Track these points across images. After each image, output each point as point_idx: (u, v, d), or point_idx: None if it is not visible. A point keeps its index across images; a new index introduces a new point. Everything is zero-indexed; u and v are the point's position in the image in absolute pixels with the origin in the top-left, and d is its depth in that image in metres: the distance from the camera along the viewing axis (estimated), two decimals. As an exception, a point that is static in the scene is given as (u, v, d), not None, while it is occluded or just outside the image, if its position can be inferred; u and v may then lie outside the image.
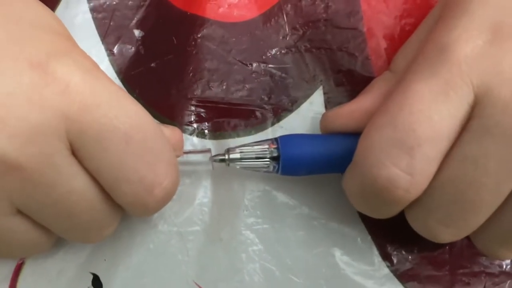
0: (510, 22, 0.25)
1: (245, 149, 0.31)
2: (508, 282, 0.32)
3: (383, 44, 0.34)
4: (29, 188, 0.24)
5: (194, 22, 0.35)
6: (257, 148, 0.31)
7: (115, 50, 0.34)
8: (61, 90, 0.24)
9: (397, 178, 0.25)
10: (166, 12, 0.35)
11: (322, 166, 0.30)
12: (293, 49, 0.34)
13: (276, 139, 0.31)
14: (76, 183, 0.25)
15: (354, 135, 0.29)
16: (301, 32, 0.35)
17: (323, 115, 0.31)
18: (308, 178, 0.33)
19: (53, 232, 0.28)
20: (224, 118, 0.34)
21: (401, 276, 0.32)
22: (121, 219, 0.31)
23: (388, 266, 0.32)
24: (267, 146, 0.30)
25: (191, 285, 0.31)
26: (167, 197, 0.27)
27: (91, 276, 0.31)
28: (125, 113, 0.25)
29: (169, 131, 0.30)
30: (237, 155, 0.31)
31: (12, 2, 0.26)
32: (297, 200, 0.33)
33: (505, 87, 0.24)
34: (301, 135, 0.31)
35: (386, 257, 0.32)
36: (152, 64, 0.34)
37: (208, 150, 0.32)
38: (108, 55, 0.34)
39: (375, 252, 0.32)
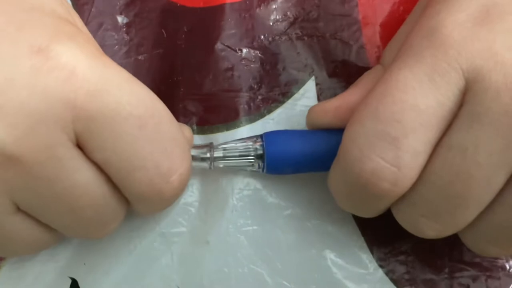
0: (500, 3, 0.24)
1: (228, 146, 0.30)
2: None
3: (379, 32, 0.32)
4: (29, 182, 0.23)
5: (184, 13, 0.33)
6: (241, 145, 0.29)
7: (97, 38, 0.33)
8: (66, 76, 0.22)
9: (383, 171, 0.24)
10: (155, 2, 0.34)
11: (309, 165, 0.29)
12: (283, 37, 0.33)
13: (261, 136, 0.29)
14: (79, 177, 0.24)
15: (342, 132, 0.27)
16: (292, 18, 0.33)
17: (309, 111, 0.30)
18: (299, 177, 0.31)
19: (56, 230, 0.26)
20: (212, 111, 0.32)
21: (396, 280, 0.30)
22: None
23: (383, 270, 0.31)
24: (251, 144, 0.29)
25: (175, 291, 0.30)
26: (183, 185, 0.26)
27: (70, 281, 0.30)
28: (137, 98, 0.24)
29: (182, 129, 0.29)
30: (220, 153, 0.29)
31: None
32: (288, 200, 0.31)
33: (497, 71, 0.23)
34: (287, 132, 0.30)
35: (380, 260, 0.31)
36: (140, 57, 0.33)
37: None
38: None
39: (369, 255, 0.31)
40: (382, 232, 0.31)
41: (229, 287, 0.30)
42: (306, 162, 0.29)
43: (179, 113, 0.32)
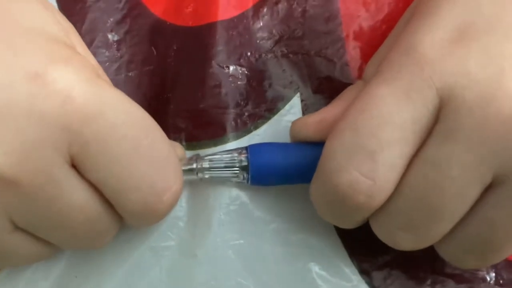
0: (479, 22, 0.24)
1: (214, 158, 0.30)
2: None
3: (363, 50, 0.33)
4: (27, 204, 0.23)
5: (173, 32, 0.34)
6: (226, 157, 0.30)
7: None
8: (61, 101, 0.23)
9: (359, 183, 0.24)
10: (145, 20, 0.34)
11: (293, 177, 0.29)
12: (269, 54, 0.33)
13: (246, 147, 0.30)
14: (75, 197, 0.24)
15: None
16: (277, 36, 0.34)
17: (292, 124, 0.30)
18: (285, 192, 0.32)
19: (53, 244, 0.27)
20: (200, 127, 0.33)
21: (381, 292, 0.31)
22: None
23: (366, 282, 0.31)
24: (236, 155, 0.30)
25: (164, 304, 0.30)
26: (175, 202, 0.27)
27: (62, 294, 0.30)
28: (131, 119, 0.24)
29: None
30: (206, 164, 0.30)
31: (9, 6, 0.25)
32: (274, 214, 0.32)
33: (470, 89, 0.23)
34: (271, 144, 0.30)
35: (363, 272, 0.31)
36: (130, 74, 0.33)
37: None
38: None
39: (353, 267, 0.31)
40: (364, 245, 0.31)
41: (217, 300, 0.30)
42: (290, 174, 0.29)
43: (169, 129, 0.32)
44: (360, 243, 0.31)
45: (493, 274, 0.31)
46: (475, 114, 0.23)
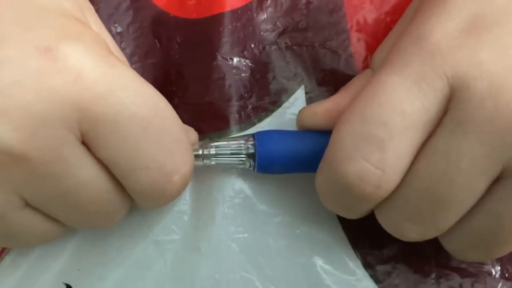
0: (489, 14, 0.24)
1: (220, 144, 0.30)
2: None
3: (367, 42, 0.33)
4: (36, 181, 0.23)
5: (177, 24, 0.34)
6: (233, 143, 0.30)
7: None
8: (73, 78, 0.22)
9: (367, 173, 0.24)
10: (148, 12, 0.34)
11: (299, 165, 0.29)
12: (273, 46, 0.33)
13: (253, 135, 0.30)
14: (85, 175, 0.24)
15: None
16: (281, 28, 0.33)
17: (299, 113, 0.30)
18: (289, 185, 0.32)
19: (63, 223, 0.27)
20: (204, 120, 0.33)
21: (384, 286, 0.31)
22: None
23: (370, 275, 0.31)
24: (243, 142, 0.29)
25: (168, 298, 0.30)
26: (185, 184, 0.27)
27: (64, 287, 0.30)
28: (142, 98, 0.24)
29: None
30: (212, 151, 0.29)
31: None
32: (278, 207, 0.32)
33: (482, 80, 0.23)
34: (279, 132, 0.30)
35: (368, 266, 0.31)
36: (133, 66, 0.33)
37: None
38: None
39: (357, 261, 0.31)
40: (369, 239, 0.31)
41: (221, 293, 0.30)
42: (297, 162, 0.29)
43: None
44: (365, 237, 0.31)
45: (499, 268, 0.31)
46: (485, 105, 0.23)
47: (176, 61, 0.33)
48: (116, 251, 0.31)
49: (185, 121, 0.32)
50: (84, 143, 0.24)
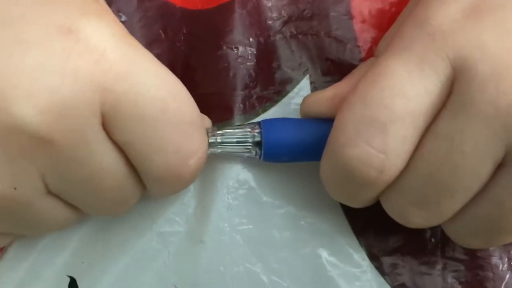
0: None
1: (226, 132, 0.29)
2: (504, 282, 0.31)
3: (372, 31, 0.32)
4: (61, 165, 0.23)
5: (183, 16, 0.33)
6: (238, 131, 0.29)
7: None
8: (96, 59, 0.23)
9: (370, 158, 0.24)
10: (152, 2, 0.34)
11: (306, 153, 0.29)
12: (278, 35, 0.33)
13: (259, 122, 0.29)
14: (106, 160, 0.24)
15: None
16: (286, 17, 0.33)
17: (303, 100, 0.30)
18: (294, 176, 0.31)
19: (80, 210, 0.27)
20: (209, 110, 0.32)
21: (389, 277, 0.31)
22: (98, 220, 0.31)
23: (376, 267, 0.31)
24: (249, 130, 0.29)
25: (172, 290, 0.30)
26: (200, 168, 0.27)
27: (68, 279, 0.30)
28: (161, 80, 0.24)
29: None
30: (218, 139, 0.29)
31: None
32: (283, 198, 0.31)
33: (484, 62, 0.23)
34: (285, 120, 0.30)
35: (373, 257, 0.31)
36: None
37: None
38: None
39: (362, 253, 0.31)
40: (374, 230, 0.31)
41: (225, 285, 0.30)
42: (303, 150, 0.29)
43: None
44: (370, 228, 0.31)
45: (506, 259, 0.31)
46: (488, 87, 0.22)
47: (182, 52, 0.33)
48: (120, 243, 0.31)
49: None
50: (103, 125, 0.24)
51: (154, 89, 0.24)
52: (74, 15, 0.23)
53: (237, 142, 0.29)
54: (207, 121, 0.30)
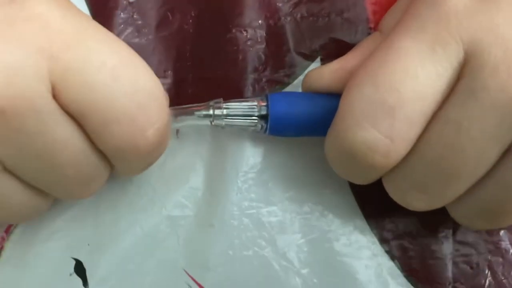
0: None
1: (232, 105, 0.29)
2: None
3: (384, 13, 0.31)
4: (11, 136, 0.23)
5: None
6: (244, 105, 0.29)
7: (103, 16, 0.32)
8: (41, 26, 0.22)
9: (376, 142, 0.24)
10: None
11: (312, 127, 0.28)
12: (288, 17, 0.32)
13: (266, 96, 0.29)
14: (60, 131, 0.23)
15: None
16: (296, -1, 0.32)
17: (307, 74, 0.29)
18: (304, 159, 0.31)
19: (45, 192, 0.26)
20: (218, 94, 0.31)
21: (400, 262, 0.31)
22: (106, 202, 0.31)
23: (386, 251, 0.31)
24: (256, 103, 0.29)
25: (180, 273, 0.30)
26: (160, 140, 0.26)
27: (74, 262, 0.30)
28: (112, 49, 0.24)
29: None
30: (224, 111, 0.29)
31: None
32: (291, 182, 0.31)
33: (497, 46, 0.22)
34: (292, 94, 0.29)
35: (384, 242, 0.31)
36: (144, 38, 0.33)
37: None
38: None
39: (373, 236, 0.31)
40: (385, 214, 0.31)
41: (234, 269, 0.30)
42: (309, 124, 0.28)
43: (189, 98, 0.31)
44: (380, 212, 0.31)
45: (517, 244, 0.31)
46: (499, 72, 0.22)
47: (190, 35, 0.33)
48: (128, 226, 0.31)
49: (199, 95, 0.31)
50: (55, 97, 0.23)
51: (104, 55, 0.23)
52: None
53: (243, 115, 0.29)
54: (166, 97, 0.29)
